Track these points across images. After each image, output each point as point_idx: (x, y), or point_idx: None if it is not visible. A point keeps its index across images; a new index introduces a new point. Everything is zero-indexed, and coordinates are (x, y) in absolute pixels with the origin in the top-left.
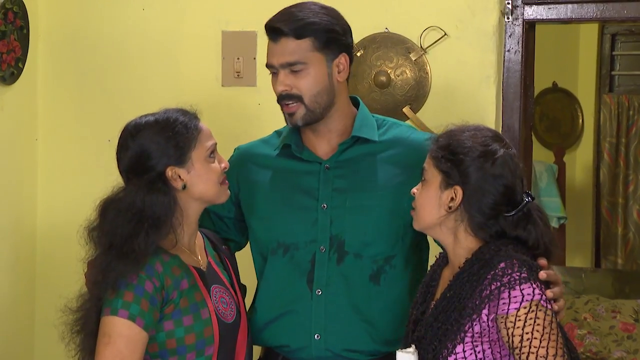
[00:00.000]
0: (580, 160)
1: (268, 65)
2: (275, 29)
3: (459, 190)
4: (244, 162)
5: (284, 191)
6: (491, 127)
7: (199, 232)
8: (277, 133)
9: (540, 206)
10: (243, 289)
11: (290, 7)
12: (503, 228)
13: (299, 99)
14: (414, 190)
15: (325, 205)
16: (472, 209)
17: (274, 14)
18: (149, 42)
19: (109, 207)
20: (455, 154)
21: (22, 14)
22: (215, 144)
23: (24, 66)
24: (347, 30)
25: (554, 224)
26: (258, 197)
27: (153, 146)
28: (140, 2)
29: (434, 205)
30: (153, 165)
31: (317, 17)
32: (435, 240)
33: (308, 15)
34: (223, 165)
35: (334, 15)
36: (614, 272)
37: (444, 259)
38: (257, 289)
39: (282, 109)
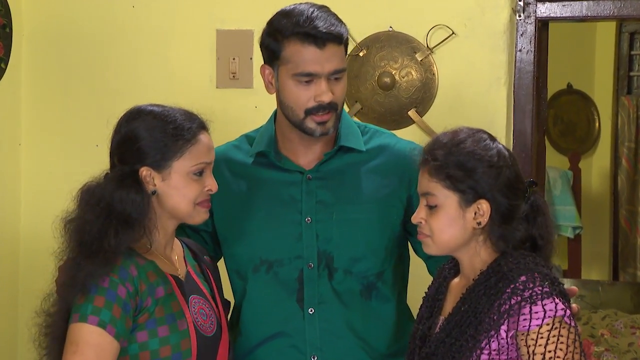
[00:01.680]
0: (597, 166)
1: (305, 74)
2: (323, 35)
3: (484, 204)
4: (216, 170)
5: (264, 203)
6: (501, 131)
7: (178, 241)
8: (247, 138)
9: (539, 192)
10: (227, 304)
11: (312, 13)
12: (526, 230)
13: (335, 107)
14: (420, 219)
15: (310, 218)
16: (495, 216)
17: (295, 20)
18: (139, 41)
19: (83, 198)
20: (470, 169)
21: (5, 11)
22: (210, 163)
23: (6, 66)
24: None
25: (569, 234)
26: (235, 210)
27: (140, 137)
28: None
29: (458, 227)
30: (132, 159)
31: (341, 21)
32: (417, 252)
33: (337, 19)
34: (207, 188)
35: None
36: (633, 285)
37: (450, 271)
38: (238, 309)
39: (304, 119)
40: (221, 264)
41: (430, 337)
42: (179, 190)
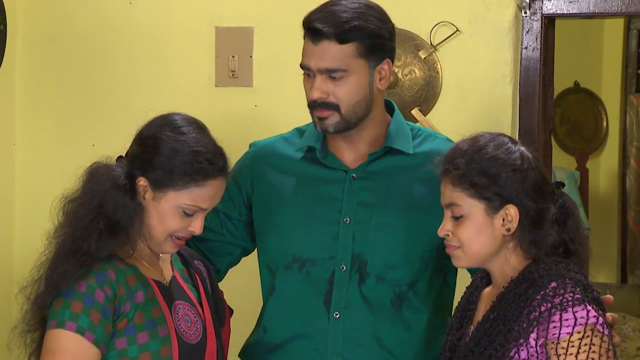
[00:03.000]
0: (605, 166)
1: (303, 66)
2: (316, 30)
3: (512, 209)
4: (261, 161)
5: (304, 200)
6: (507, 130)
7: None
8: (299, 131)
9: (568, 196)
10: (230, 312)
11: (333, 5)
12: (557, 234)
13: (335, 107)
14: (447, 232)
15: (349, 219)
16: (524, 221)
17: (313, 9)
18: (136, 39)
19: (85, 182)
20: (494, 175)
21: None
22: (207, 209)
23: (0, 65)
24: (392, 33)
25: None
26: (274, 204)
27: (159, 150)
28: None
29: (487, 235)
30: (140, 163)
31: (363, 20)
32: None
33: (354, 17)
34: (191, 229)
35: (380, 16)
36: None
37: (482, 280)
38: (264, 305)
39: (311, 111)
40: (245, 263)
41: (460, 347)
42: (161, 217)
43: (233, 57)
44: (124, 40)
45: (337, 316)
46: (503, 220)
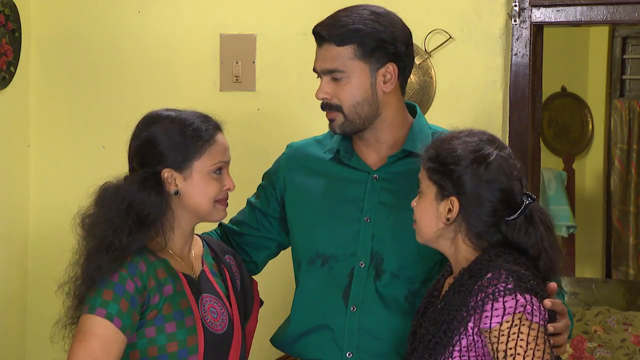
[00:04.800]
0: (590, 167)
1: (313, 70)
2: (317, 33)
3: (454, 201)
4: (294, 162)
5: (329, 199)
6: (498, 133)
7: (199, 240)
8: (330, 133)
9: (543, 208)
10: (260, 302)
11: (340, 11)
12: (505, 235)
13: (338, 109)
14: (413, 203)
15: (369, 218)
16: (470, 218)
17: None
18: (144, 45)
19: (101, 196)
20: (445, 164)
21: (14, 17)
22: (227, 162)
23: (15, 70)
24: (397, 39)
25: (564, 233)
26: (302, 203)
27: (160, 141)
28: (136, 5)
29: (432, 217)
30: (153, 161)
31: (362, 24)
32: None
33: (354, 21)
34: (226, 186)
35: (384, 22)
36: (625, 283)
37: (447, 269)
38: (294, 297)
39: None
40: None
41: (419, 333)
42: (200, 188)
43: (237, 63)
44: (133, 47)
45: (354, 310)
46: (449, 210)
